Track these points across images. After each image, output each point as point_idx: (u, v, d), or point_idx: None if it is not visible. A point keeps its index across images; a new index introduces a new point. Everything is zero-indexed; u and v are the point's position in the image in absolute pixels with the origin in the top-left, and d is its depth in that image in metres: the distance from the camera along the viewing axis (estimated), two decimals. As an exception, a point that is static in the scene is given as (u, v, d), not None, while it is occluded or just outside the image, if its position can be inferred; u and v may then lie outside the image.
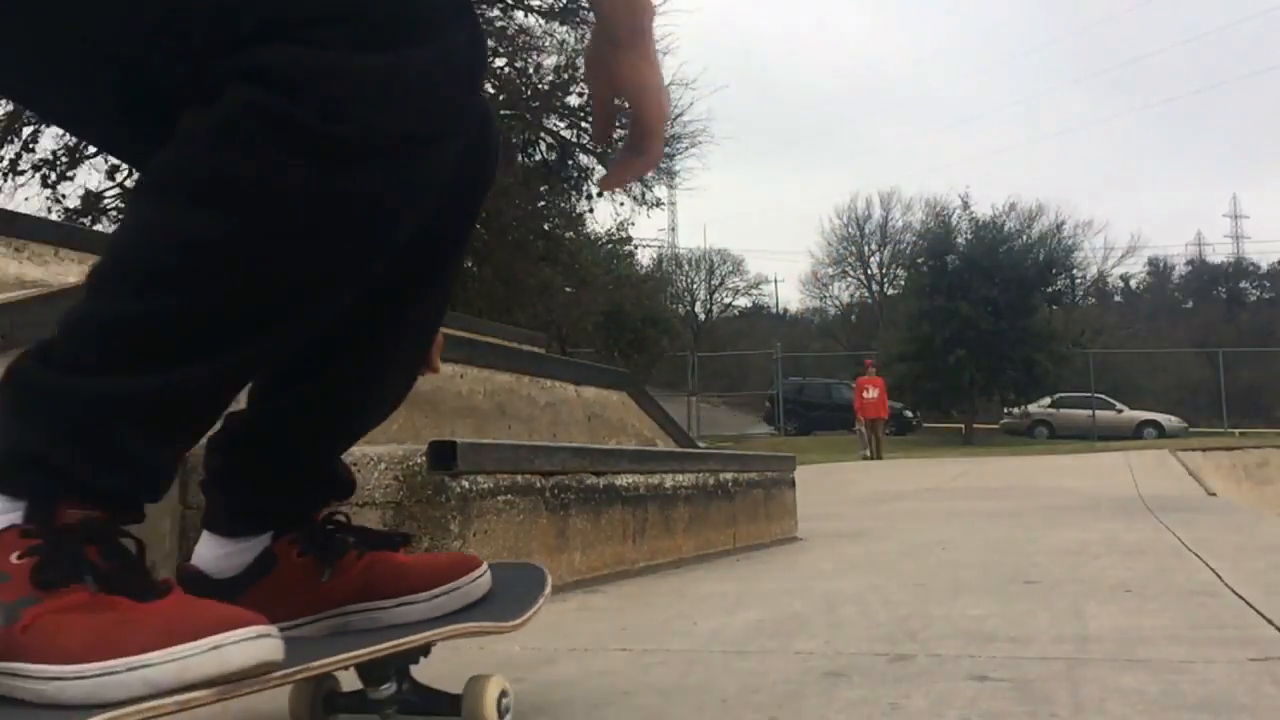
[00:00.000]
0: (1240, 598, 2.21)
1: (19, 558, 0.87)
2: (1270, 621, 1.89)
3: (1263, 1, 74.08)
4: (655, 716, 1.36)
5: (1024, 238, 30.02)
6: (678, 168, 18.89)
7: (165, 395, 0.92)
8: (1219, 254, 58.22)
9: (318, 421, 1.19)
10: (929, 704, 1.36)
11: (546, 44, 17.34)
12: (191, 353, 0.91)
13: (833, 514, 5.98)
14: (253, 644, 0.89)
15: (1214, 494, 9.05)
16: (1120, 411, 29.52)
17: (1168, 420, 29.21)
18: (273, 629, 0.92)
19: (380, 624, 1.16)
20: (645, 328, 28.86)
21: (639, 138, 1.08)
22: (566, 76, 17.26)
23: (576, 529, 2.78)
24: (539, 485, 2.64)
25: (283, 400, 1.17)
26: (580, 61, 17.39)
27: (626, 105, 1.08)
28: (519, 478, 2.57)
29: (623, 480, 3.01)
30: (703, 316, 48.69)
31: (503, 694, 1.23)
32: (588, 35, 17.15)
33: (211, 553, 1.18)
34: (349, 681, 1.20)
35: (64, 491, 0.91)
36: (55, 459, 0.90)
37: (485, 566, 1.27)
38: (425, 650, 1.20)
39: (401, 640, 1.13)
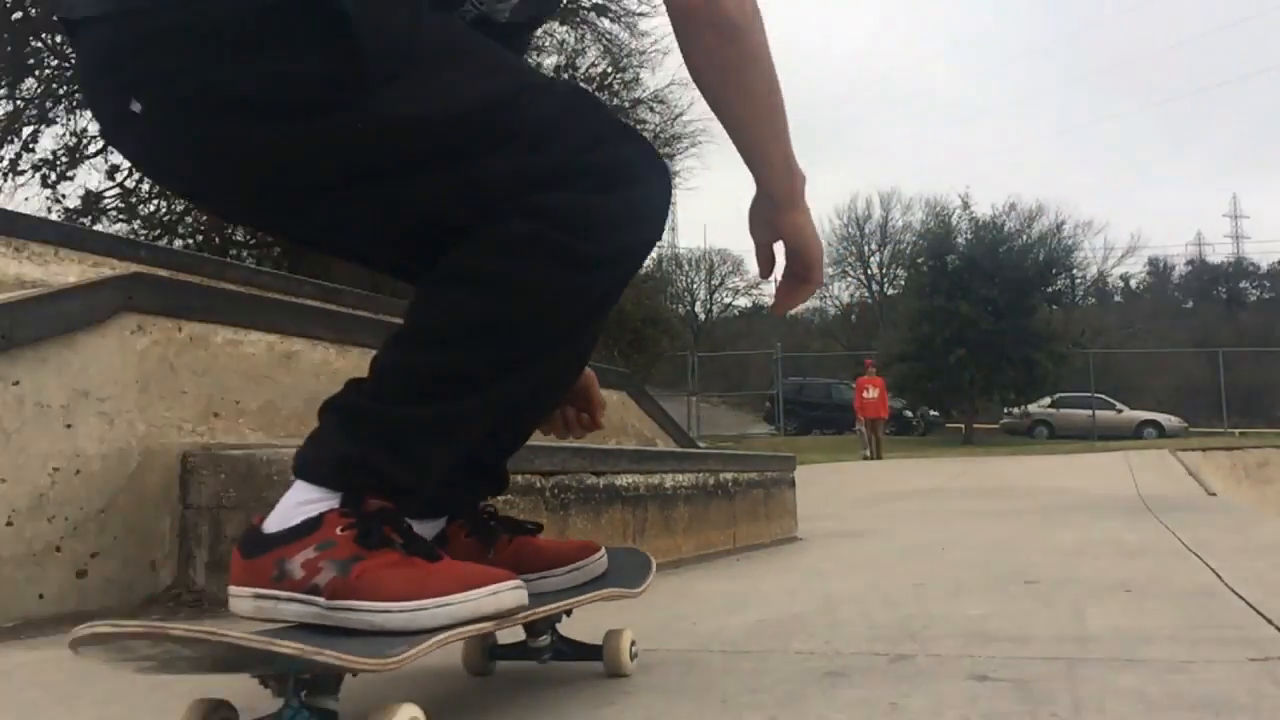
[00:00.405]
0: (1240, 598, 2.21)
1: (341, 530, 1.22)
2: (1270, 621, 1.89)
3: (1263, 1, 74.11)
4: (655, 716, 1.36)
5: (1024, 238, 30.02)
6: (678, 168, 18.89)
7: (447, 421, 1.29)
8: (1219, 254, 58.26)
9: (498, 433, 1.45)
10: (929, 704, 1.36)
11: (546, 44, 17.33)
12: (468, 390, 1.29)
13: (833, 514, 5.98)
14: (515, 592, 1.27)
15: (1214, 494, 9.06)
16: (1120, 411, 29.53)
17: (1168, 420, 29.21)
18: (520, 581, 1.29)
19: (530, 593, 1.35)
20: (645, 328, 28.82)
21: (806, 269, 1.51)
22: (566, 76, 17.26)
23: (576, 529, 2.78)
24: (539, 485, 2.64)
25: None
26: (580, 61, 17.40)
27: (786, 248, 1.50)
28: (519, 478, 2.57)
29: (623, 480, 3.02)
30: (703, 316, 48.71)
31: (632, 643, 1.60)
32: (587, 35, 17.19)
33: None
34: (502, 637, 1.53)
35: (370, 487, 1.25)
36: (368, 463, 1.26)
37: (603, 550, 1.59)
38: (569, 611, 1.51)
39: (577, 599, 1.48)
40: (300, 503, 1.26)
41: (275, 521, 1.25)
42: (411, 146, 1.24)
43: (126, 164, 16.78)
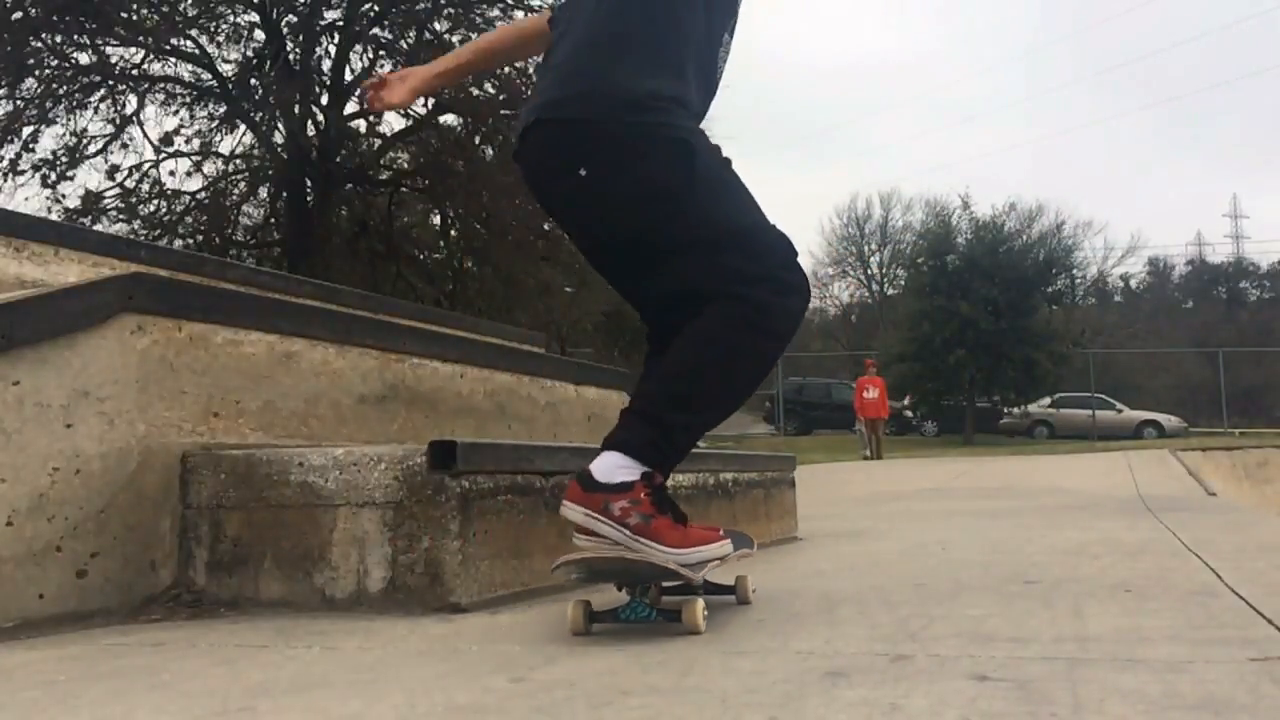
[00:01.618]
0: (1240, 598, 2.21)
1: (644, 495, 1.97)
2: (1270, 621, 1.89)
3: (1263, 1, 74.07)
4: (655, 716, 1.36)
5: (1024, 238, 30.02)
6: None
7: (693, 427, 2.11)
8: (1219, 254, 58.25)
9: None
10: (929, 704, 1.36)
11: (547, 44, 17.32)
12: (707, 406, 2.11)
13: (833, 514, 5.98)
14: (725, 543, 2.08)
15: (1214, 494, 9.06)
16: (1120, 411, 29.51)
17: (1168, 420, 29.20)
18: (728, 538, 2.12)
19: None
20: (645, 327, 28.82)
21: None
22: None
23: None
24: (539, 485, 2.64)
25: None
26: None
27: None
28: (519, 478, 2.57)
29: (623, 480, 3.01)
30: (703, 316, 48.57)
31: (752, 582, 2.38)
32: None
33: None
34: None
35: (657, 464, 2.03)
36: (659, 447, 2.04)
37: (723, 532, 2.15)
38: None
39: (732, 554, 2.12)
40: (618, 466, 2.00)
41: (600, 473, 1.99)
42: (700, 233, 2.09)
43: (127, 164, 16.80)
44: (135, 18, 15.29)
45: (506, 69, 17.14)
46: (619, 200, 2.11)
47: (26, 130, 15.98)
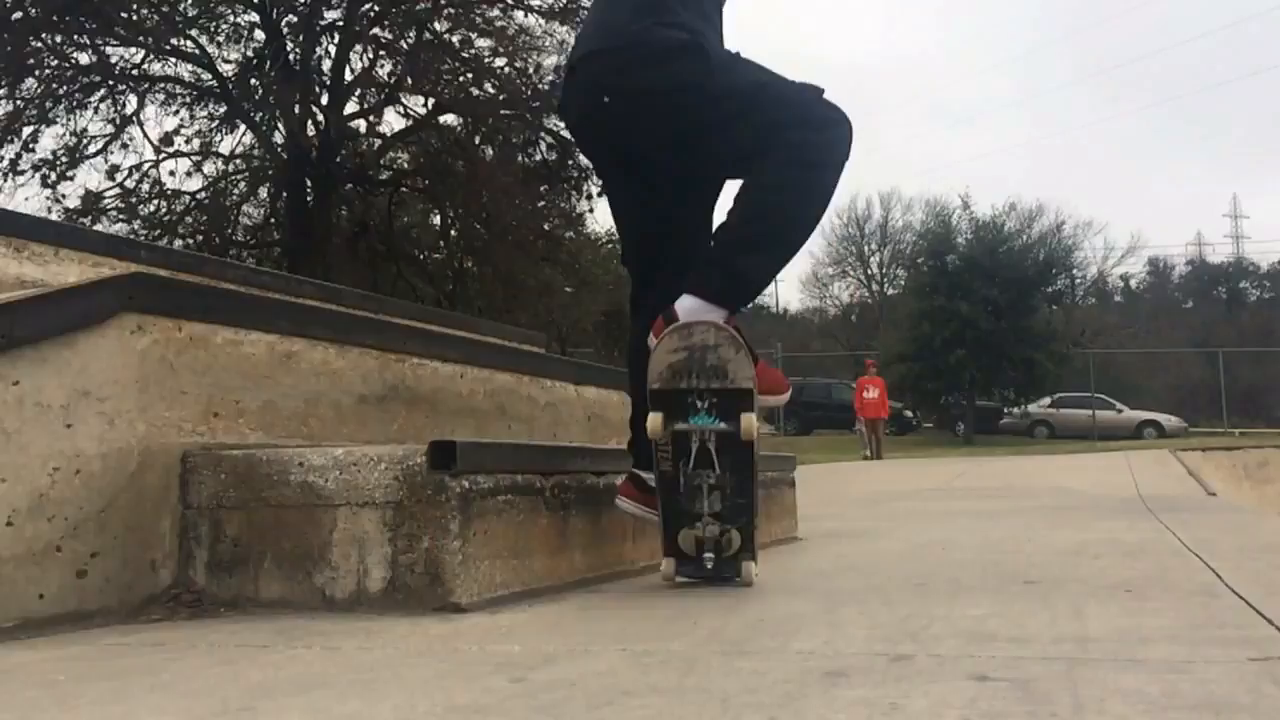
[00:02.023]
0: (1240, 598, 2.21)
1: (726, 321, 2.39)
2: (1270, 621, 1.89)
3: (1263, 1, 74.03)
4: (655, 717, 1.36)
5: (1024, 238, 30.03)
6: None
7: (765, 266, 2.48)
8: (1219, 254, 58.22)
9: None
10: (929, 704, 1.36)
11: (546, 44, 17.35)
12: (774, 244, 2.45)
13: (833, 514, 5.98)
14: (786, 396, 2.91)
15: (1214, 494, 9.06)
16: (1120, 411, 29.50)
17: (1168, 420, 29.20)
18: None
19: None
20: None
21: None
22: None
23: (576, 529, 2.78)
24: (539, 485, 2.64)
25: None
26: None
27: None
28: (519, 478, 2.57)
29: (623, 480, 3.01)
30: (703, 316, 48.55)
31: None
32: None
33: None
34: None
35: (731, 306, 2.40)
36: (735, 293, 2.43)
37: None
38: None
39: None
40: (702, 308, 2.38)
41: (684, 315, 2.38)
42: (731, 105, 2.42)
43: (127, 164, 16.81)
44: (135, 18, 15.29)
45: (506, 69, 17.15)
46: (657, 104, 2.47)
47: (26, 130, 15.99)
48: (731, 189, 2.54)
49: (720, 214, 2.57)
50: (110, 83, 16.25)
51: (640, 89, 2.46)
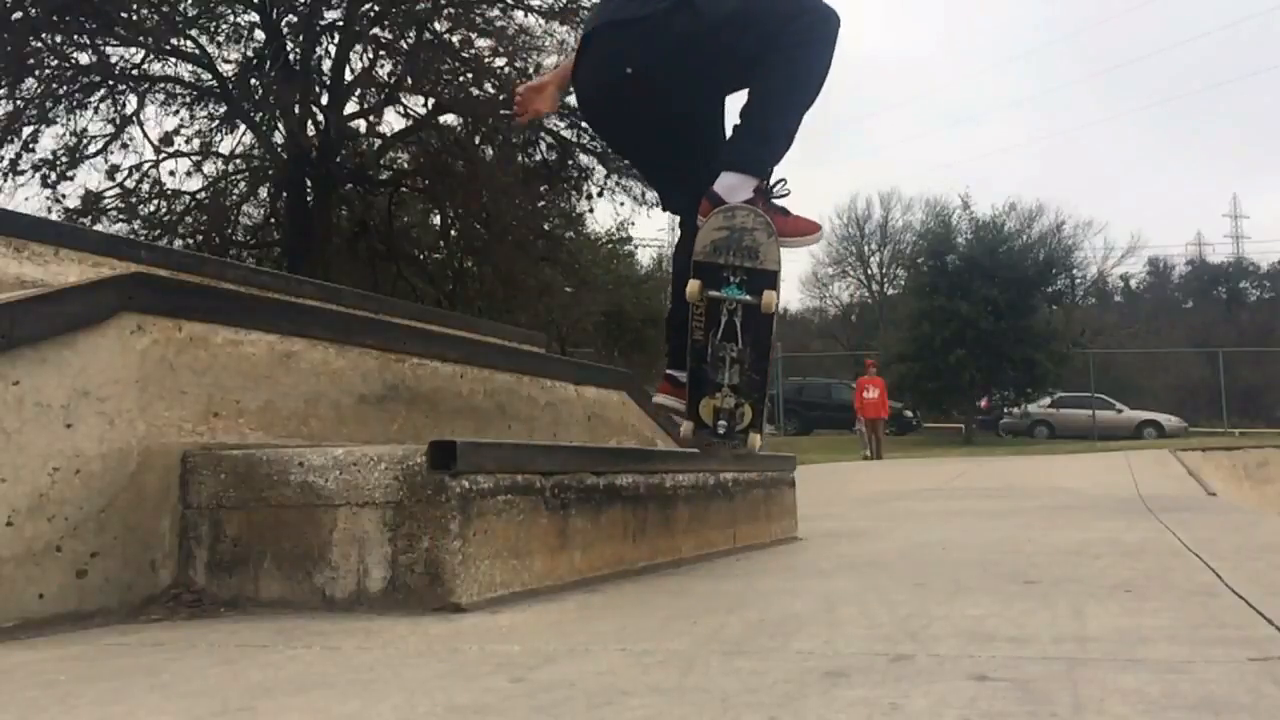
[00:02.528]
0: (1240, 598, 2.21)
1: (760, 203, 2.82)
2: (1270, 621, 1.89)
3: (1263, 1, 73.99)
4: (655, 716, 1.36)
5: (1024, 238, 30.03)
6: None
7: (790, 128, 2.87)
8: (1219, 254, 58.20)
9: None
10: (929, 704, 1.36)
11: (546, 44, 17.34)
12: (797, 109, 2.87)
13: (833, 514, 5.98)
14: (820, 233, 3.08)
15: (1214, 494, 9.06)
16: (1120, 411, 29.50)
17: (1168, 420, 29.19)
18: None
19: None
20: (645, 328, 28.77)
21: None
22: (566, 76, 17.22)
23: (576, 529, 2.78)
24: (539, 485, 2.64)
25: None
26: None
27: None
28: (519, 478, 2.57)
29: (623, 480, 3.01)
30: (703, 316, 48.54)
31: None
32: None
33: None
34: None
35: (765, 173, 2.85)
36: (766, 160, 2.86)
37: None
38: None
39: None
40: (739, 180, 2.80)
41: (725, 193, 2.79)
42: (729, 31, 2.79)
43: (127, 164, 16.80)
44: (135, 18, 15.29)
45: (506, 69, 17.14)
46: (671, 64, 2.85)
47: (26, 130, 15.98)
48: None
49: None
50: (110, 83, 16.24)
51: (654, 56, 2.83)
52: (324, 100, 17.14)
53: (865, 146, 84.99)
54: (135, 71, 16.50)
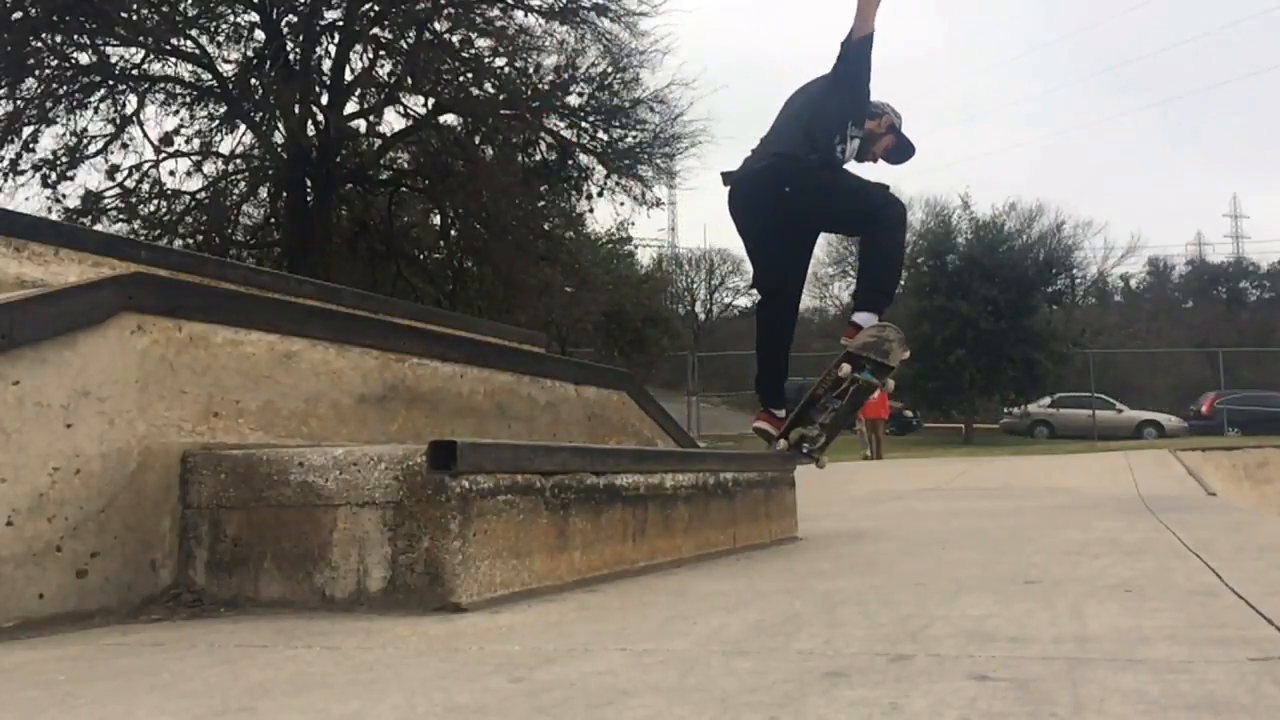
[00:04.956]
0: (1240, 598, 2.21)
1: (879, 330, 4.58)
2: (1270, 621, 1.89)
3: (1263, 1, 74.02)
4: (655, 716, 1.36)
5: (1024, 238, 30.04)
6: (678, 168, 18.88)
7: (895, 283, 4.87)
8: (1219, 254, 58.20)
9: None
10: (929, 704, 1.36)
11: (546, 44, 17.33)
12: (898, 268, 4.90)
13: (833, 514, 5.97)
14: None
15: (1214, 494, 9.04)
16: (1120, 411, 29.49)
17: (1168, 420, 29.18)
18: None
19: None
20: (645, 328, 28.80)
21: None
22: (566, 76, 17.24)
23: (576, 529, 2.78)
24: (539, 485, 2.64)
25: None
26: (580, 61, 17.38)
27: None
28: (519, 477, 2.57)
29: (623, 480, 3.01)
30: (703, 316, 48.71)
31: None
32: (587, 35, 17.17)
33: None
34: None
35: (882, 313, 4.56)
36: (882, 304, 4.57)
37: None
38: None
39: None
40: (870, 317, 4.42)
41: (864, 322, 4.41)
42: (842, 195, 4.49)
43: (127, 164, 16.79)
44: (135, 18, 15.28)
45: (506, 69, 17.15)
46: (809, 193, 4.37)
47: (26, 130, 15.97)
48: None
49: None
50: (110, 83, 16.24)
51: (802, 185, 4.34)
52: (324, 100, 17.13)
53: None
54: (135, 71, 16.50)
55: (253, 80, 16.82)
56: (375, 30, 16.98)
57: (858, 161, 4.70)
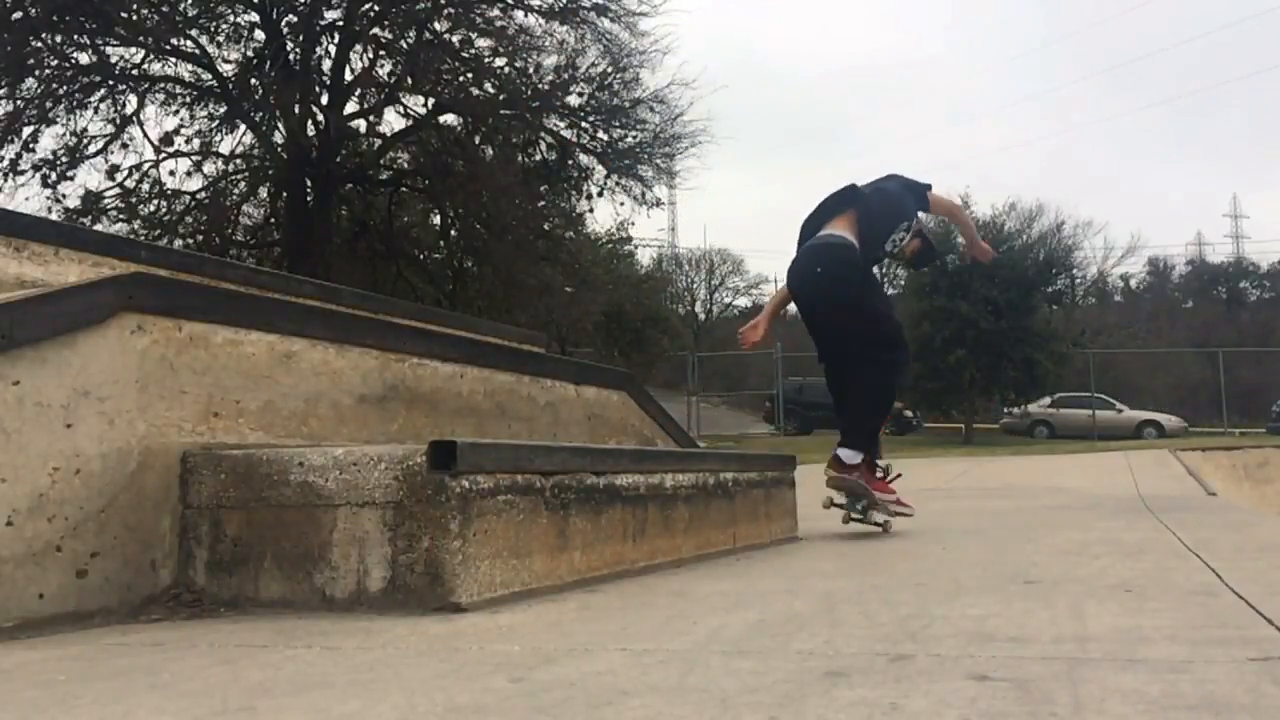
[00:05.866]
0: (1240, 598, 2.21)
1: (864, 469, 4.66)
2: (1270, 621, 1.89)
3: (1263, 1, 74.04)
4: (655, 716, 1.36)
5: (1024, 238, 29.98)
6: (678, 168, 18.87)
7: (878, 426, 4.96)
8: (1219, 254, 58.22)
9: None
10: (929, 704, 1.36)
11: (546, 44, 17.32)
12: (883, 412, 4.89)
13: (833, 514, 5.97)
14: (907, 511, 4.97)
15: (1214, 494, 9.04)
16: (1120, 411, 29.47)
17: (1168, 420, 29.16)
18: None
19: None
20: (645, 328, 28.78)
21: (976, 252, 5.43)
22: (566, 76, 17.23)
23: (576, 529, 2.78)
24: (539, 485, 2.64)
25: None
26: (580, 61, 17.38)
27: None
28: (519, 478, 2.57)
29: (623, 480, 3.01)
30: (703, 316, 48.68)
31: (892, 525, 4.79)
32: (587, 35, 17.16)
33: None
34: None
35: (866, 452, 4.67)
36: (864, 445, 4.68)
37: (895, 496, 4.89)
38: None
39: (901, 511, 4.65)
40: (850, 457, 4.55)
41: (846, 459, 4.55)
42: (863, 309, 4.67)
43: (127, 164, 16.79)
44: (135, 18, 15.27)
45: (506, 69, 17.15)
46: (837, 283, 4.56)
47: (26, 130, 15.96)
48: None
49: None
50: (110, 83, 16.23)
51: (833, 273, 4.55)
52: (324, 100, 17.12)
53: (865, 146, 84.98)
54: (135, 71, 16.49)
55: (253, 80, 16.81)
56: (375, 30, 16.97)
57: (889, 257, 5.12)
